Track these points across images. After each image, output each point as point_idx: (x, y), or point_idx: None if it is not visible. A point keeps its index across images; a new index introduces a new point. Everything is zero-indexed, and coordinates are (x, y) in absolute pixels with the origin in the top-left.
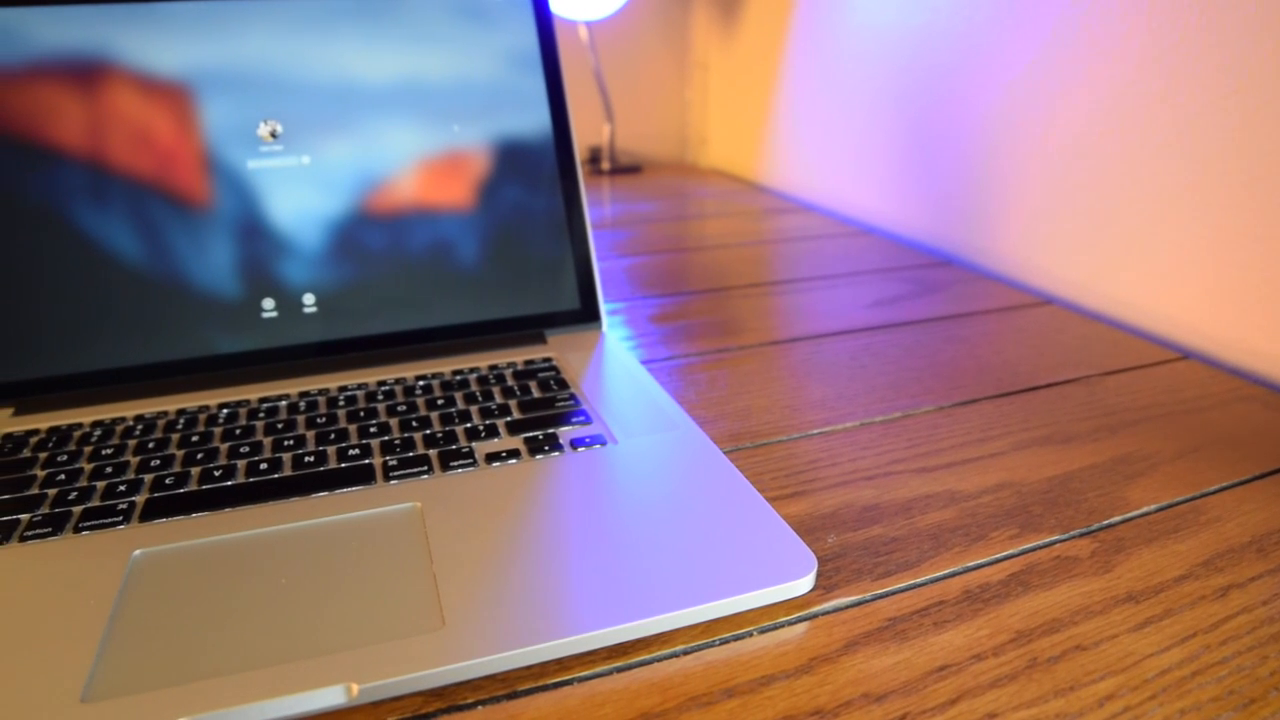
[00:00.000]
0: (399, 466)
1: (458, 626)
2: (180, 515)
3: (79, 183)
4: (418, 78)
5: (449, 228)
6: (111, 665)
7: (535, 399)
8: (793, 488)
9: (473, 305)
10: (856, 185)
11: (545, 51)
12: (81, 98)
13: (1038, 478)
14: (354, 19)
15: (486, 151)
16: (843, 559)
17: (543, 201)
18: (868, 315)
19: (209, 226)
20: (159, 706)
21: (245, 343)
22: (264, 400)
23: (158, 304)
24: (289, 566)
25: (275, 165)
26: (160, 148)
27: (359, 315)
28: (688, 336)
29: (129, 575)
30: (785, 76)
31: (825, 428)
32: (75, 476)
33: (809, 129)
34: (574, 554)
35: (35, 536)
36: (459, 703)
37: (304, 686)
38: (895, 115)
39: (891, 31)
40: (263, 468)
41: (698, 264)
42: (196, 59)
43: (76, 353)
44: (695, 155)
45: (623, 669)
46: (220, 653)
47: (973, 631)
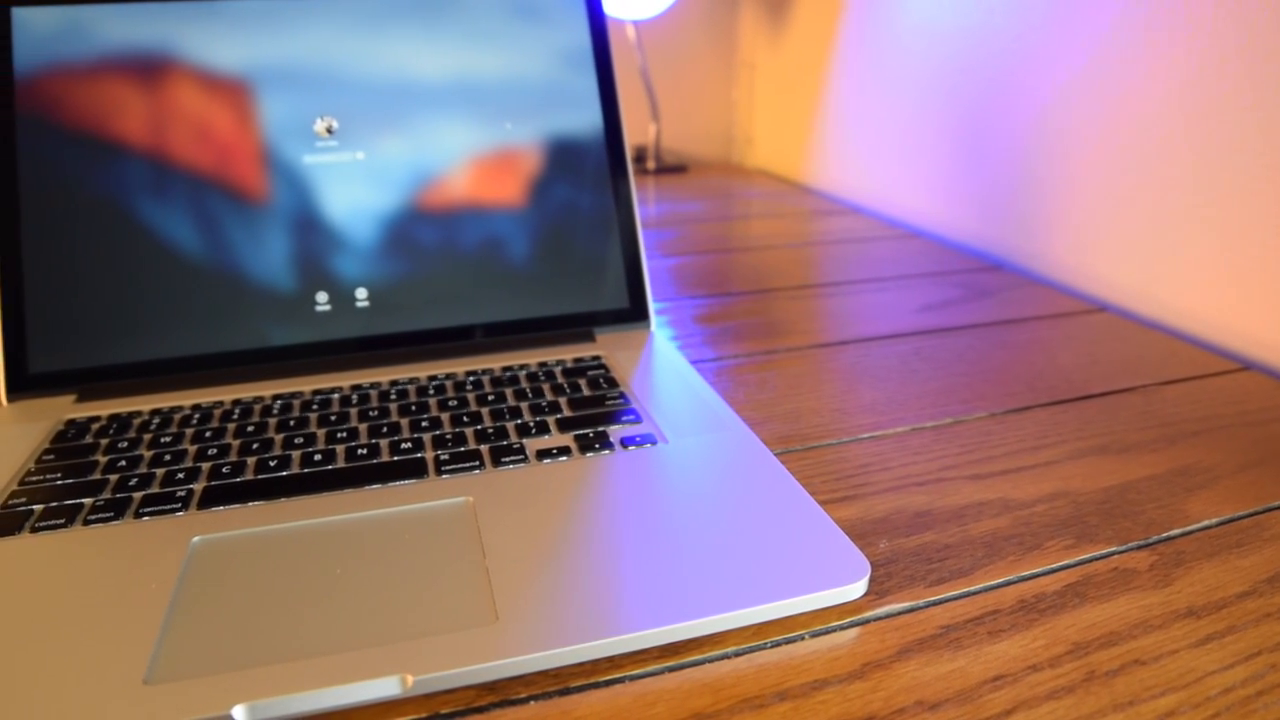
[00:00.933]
0: (450, 461)
1: (511, 621)
2: (237, 504)
3: (142, 176)
4: (472, 75)
5: (500, 225)
6: (173, 648)
7: (585, 397)
8: (843, 492)
9: (522, 302)
10: (904, 187)
11: (598, 50)
12: (146, 93)
13: (1093, 488)
14: (410, 17)
15: (538, 149)
16: (895, 565)
17: (593, 200)
18: (917, 319)
19: (265, 220)
20: (219, 690)
21: (298, 335)
22: (317, 393)
23: (214, 296)
24: (343, 557)
25: (331, 160)
26: (220, 142)
27: (410, 310)
28: (735, 337)
29: (188, 561)
30: (833, 77)
31: (876, 432)
32: (135, 463)
33: (856, 130)
34: (626, 553)
35: (98, 520)
36: (512, 697)
37: (360, 676)
38: (945, 116)
39: (943, 32)
40: (316, 459)
41: (743, 265)
42: (256, 56)
43: (136, 342)
44: (741, 155)
45: (674, 669)
46: (277, 640)
47: (1028, 642)
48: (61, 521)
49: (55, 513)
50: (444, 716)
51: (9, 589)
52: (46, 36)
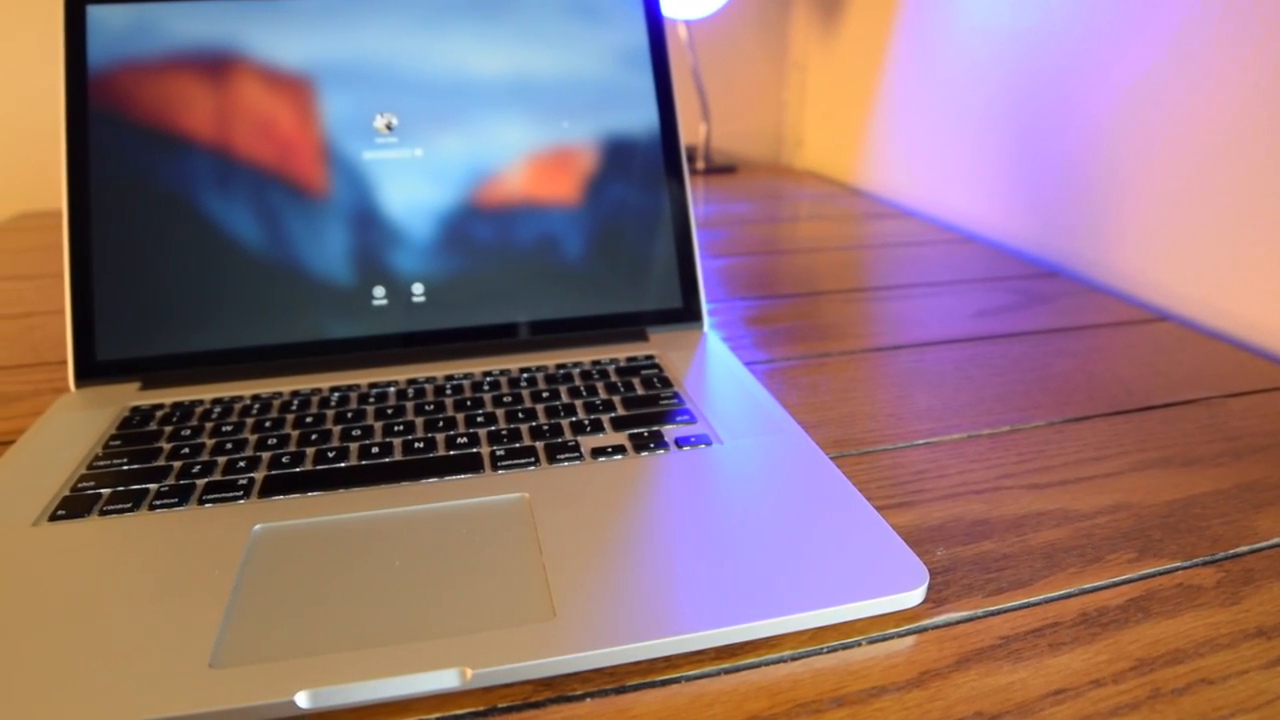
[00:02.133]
0: (506, 457)
1: (568, 618)
2: (296, 493)
3: (207, 170)
4: (529, 74)
5: (555, 223)
6: (237, 633)
7: (639, 396)
8: (899, 498)
9: (576, 300)
10: (958, 191)
11: (655, 50)
12: (212, 89)
13: (1156, 501)
14: (469, 16)
15: (594, 148)
16: (952, 573)
17: (648, 199)
18: (972, 325)
19: (325, 215)
20: (282, 676)
21: (356, 329)
22: (373, 386)
23: (275, 288)
24: (402, 549)
25: (390, 157)
26: (282, 138)
27: (465, 306)
28: (786, 340)
29: (250, 548)
30: (886, 78)
31: (931, 438)
32: (198, 451)
33: (909, 132)
34: (682, 553)
35: (163, 506)
36: (568, 694)
37: (420, 668)
38: (1002, 120)
39: (1001, 34)
40: (374, 451)
41: (793, 266)
42: (318, 53)
43: (198, 332)
44: (790, 156)
45: (730, 670)
46: (339, 629)
47: (1091, 656)
48: (128, 506)
49: (122, 497)
50: (501, 711)
51: (80, 570)
52: (119, 34)
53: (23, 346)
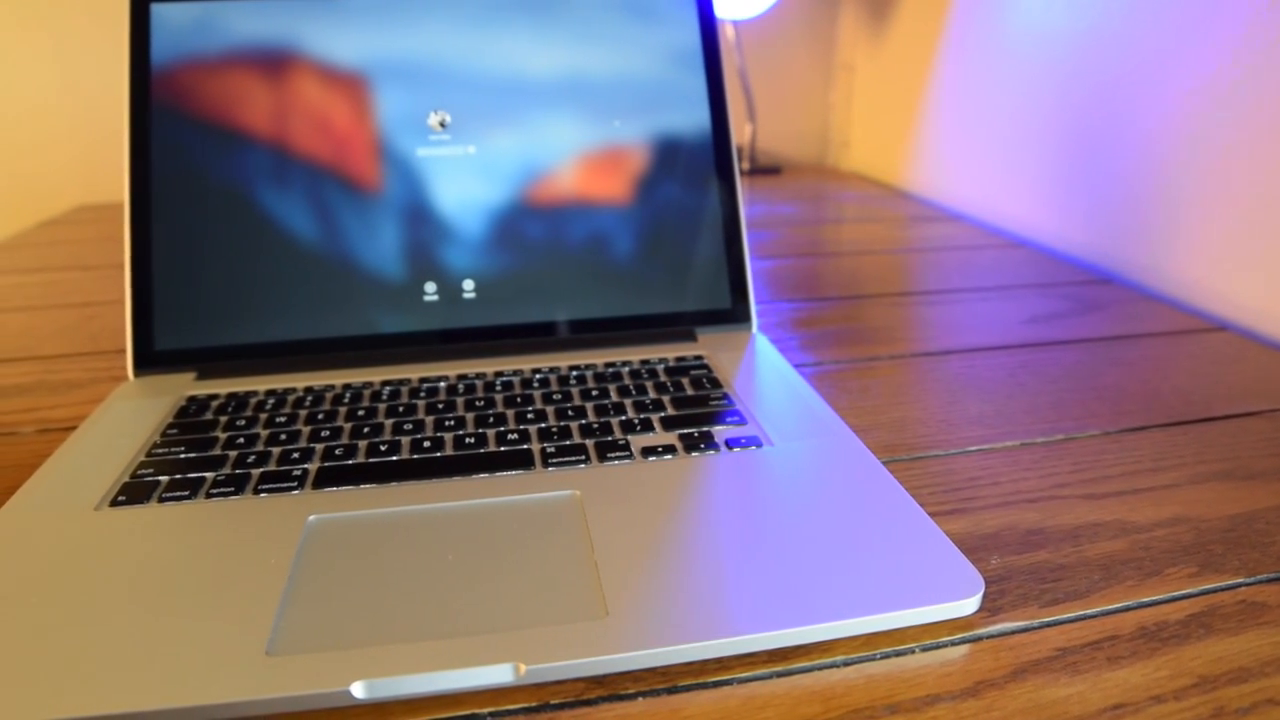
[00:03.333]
0: (557, 454)
1: (621, 617)
2: (349, 485)
3: (264, 165)
4: (582, 73)
5: (606, 221)
6: (292, 622)
7: (689, 396)
8: (952, 505)
9: (625, 299)
10: (1009, 195)
11: (707, 50)
12: (270, 85)
13: (1217, 515)
14: (523, 14)
15: (646, 147)
16: (1007, 582)
17: (699, 199)
18: (1024, 331)
19: (379, 210)
20: (338, 666)
21: (407, 324)
22: (424, 380)
23: (328, 282)
24: (454, 543)
25: (443, 154)
26: (337, 134)
27: (515, 303)
28: (835, 343)
29: (305, 538)
30: (936, 80)
31: (984, 445)
32: (253, 441)
33: (959, 135)
34: (734, 554)
35: (219, 495)
36: (620, 692)
37: (474, 662)
38: (1055, 123)
39: (1056, 35)
40: (425, 445)
41: (841, 269)
42: (374, 50)
43: (253, 324)
44: (836, 158)
45: (783, 674)
46: (393, 621)
47: (1150, 671)
48: (186, 494)
49: (180, 485)
50: (553, 707)
51: (140, 555)
52: (181, 31)
53: (82, 335)
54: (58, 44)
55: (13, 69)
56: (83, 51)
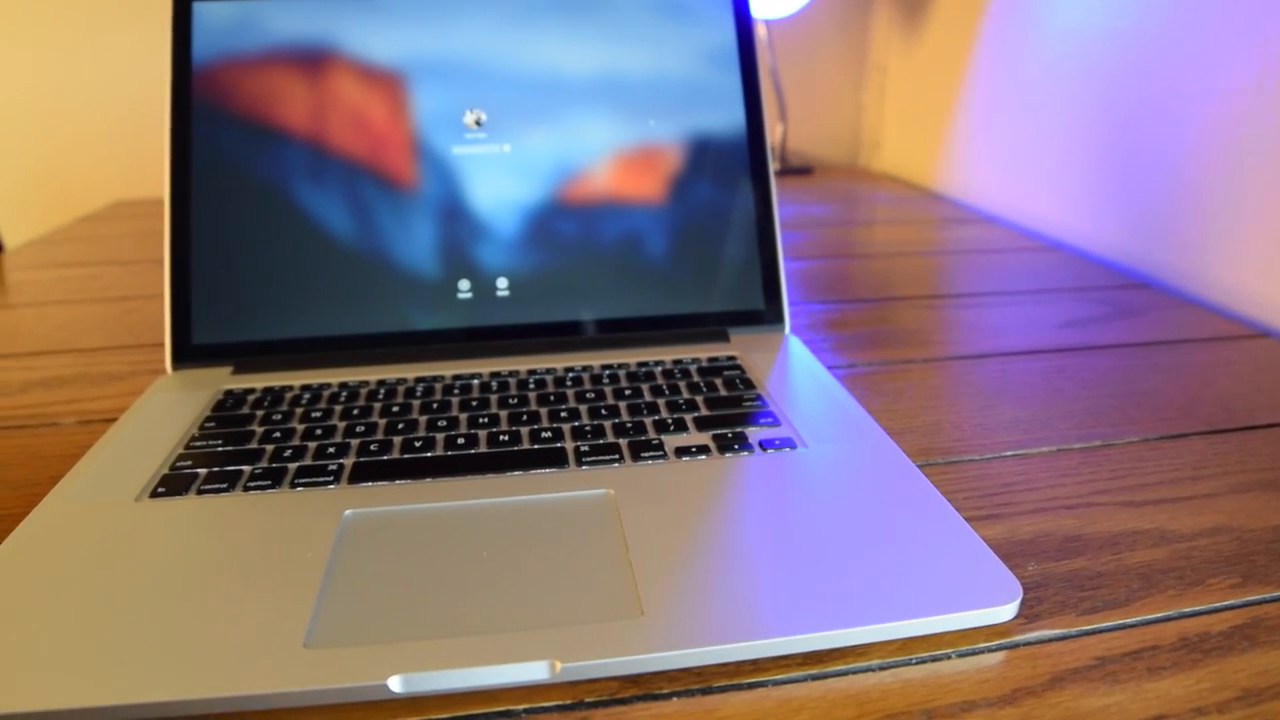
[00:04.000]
0: (591, 453)
1: (656, 616)
2: (384, 481)
3: (301, 162)
4: (617, 72)
5: (640, 221)
6: (330, 615)
7: (722, 397)
8: (987, 510)
9: (658, 299)
10: (1043, 198)
11: (743, 50)
12: (308, 83)
13: (1261, 525)
14: (558, 13)
15: (680, 147)
16: (1044, 589)
17: (733, 200)
18: (1059, 335)
19: (414, 208)
20: (376, 659)
21: (440, 321)
22: (457, 378)
23: (363, 279)
24: (489, 540)
25: (478, 152)
26: (374, 131)
27: (548, 301)
28: (868, 345)
29: (341, 533)
30: (970, 80)
31: (1020, 450)
32: (289, 435)
33: (993, 137)
34: (769, 556)
35: (257, 488)
36: (655, 691)
37: (511, 658)
38: (1092, 124)
39: (1094, 36)
40: (460, 442)
41: (873, 271)
42: (411, 49)
43: (289, 320)
44: (867, 159)
45: (818, 677)
46: (429, 616)
47: (1192, 683)
48: (224, 486)
49: (218, 477)
50: (588, 705)
51: (180, 546)
52: (222, 29)
53: (121, 328)
54: (96, 43)
55: (53, 68)
56: (121, 50)
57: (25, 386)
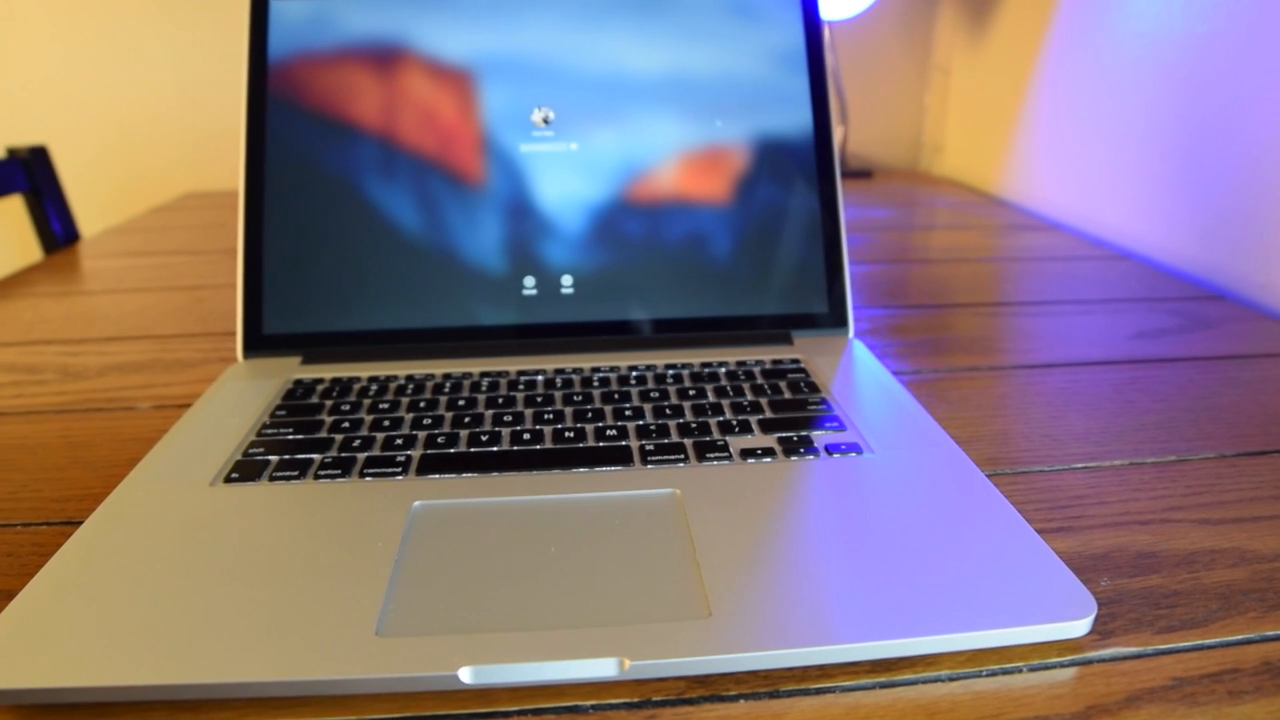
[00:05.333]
0: (656, 452)
1: (724, 618)
2: (451, 473)
3: (372, 157)
4: (685, 72)
5: (705, 221)
6: (400, 605)
7: (786, 399)
8: (1058, 522)
9: (722, 299)
10: (1112, 205)
11: (811, 51)
12: (379, 80)
13: None
14: (628, 13)
15: (747, 148)
16: (1118, 605)
17: (799, 201)
18: (1130, 347)
19: (481, 204)
20: (446, 650)
21: (505, 317)
22: (521, 373)
23: (430, 273)
24: (556, 536)
25: (545, 150)
26: (443, 128)
27: (612, 300)
28: (932, 351)
29: (410, 524)
30: (1037, 83)
31: (1090, 463)
32: (358, 426)
33: (1060, 141)
34: (837, 561)
35: (326, 476)
36: (723, 693)
37: (580, 654)
38: (1166, 130)
39: (1170, 40)
40: (525, 438)
41: (936, 277)
42: (481, 47)
43: (357, 312)
44: (929, 163)
45: (886, 685)
46: (499, 610)
47: (1277, 709)
48: (295, 474)
49: (289, 465)
50: (655, 704)
51: (253, 531)
52: (297, 26)
53: (193, 317)
54: (171, 41)
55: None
56: (194, 48)
57: (103, 371)
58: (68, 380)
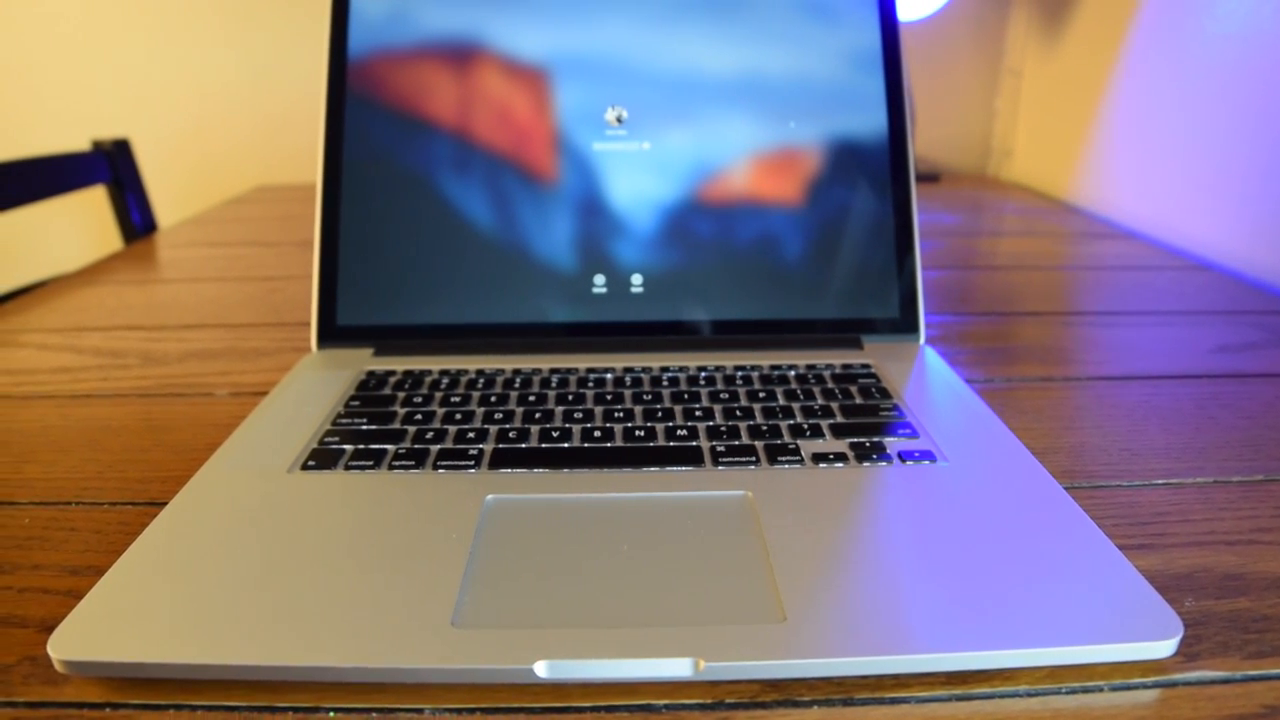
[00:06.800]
0: (727, 453)
1: (799, 623)
2: (523, 468)
3: (446, 153)
4: (759, 73)
5: (776, 223)
6: (475, 597)
7: (857, 404)
8: (1139, 539)
9: (792, 302)
10: (1192, 213)
11: (888, 53)
12: (456, 77)
13: None
14: (703, 13)
15: (820, 150)
16: (1204, 628)
17: (872, 205)
18: (1212, 361)
19: (553, 202)
20: (522, 644)
21: (575, 314)
22: (590, 371)
23: (502, 269)
24: (629, 534)
25: (618, 149)
26: (518, 125)
27: (682, 300)
28: (1005, 360)
29: (484, 517)
30: (1114, 87)
31: (1172, 479)
32: (430, 418)
33: (1137, 147)
34: (913, 570)
35: (400, 467)
36: (796, 698)
37: (655, 653)
38: (1252, 137)
39: (1259, 43)
40: (596, 435)
41: (1006, 284)
42: (556, 46)
43: (428, 306)
44: (997, 167)
45: (962, 698)
46: (573, 605)
47: None
48: (370, 464)
49: (364, 455)
50: (728, 707)
51: (330, 518)
52: (376, 22)
53: (267, 307)
54: (246, 38)
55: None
56: (268, 45)
57: (182, 357)
58: (149, 365)
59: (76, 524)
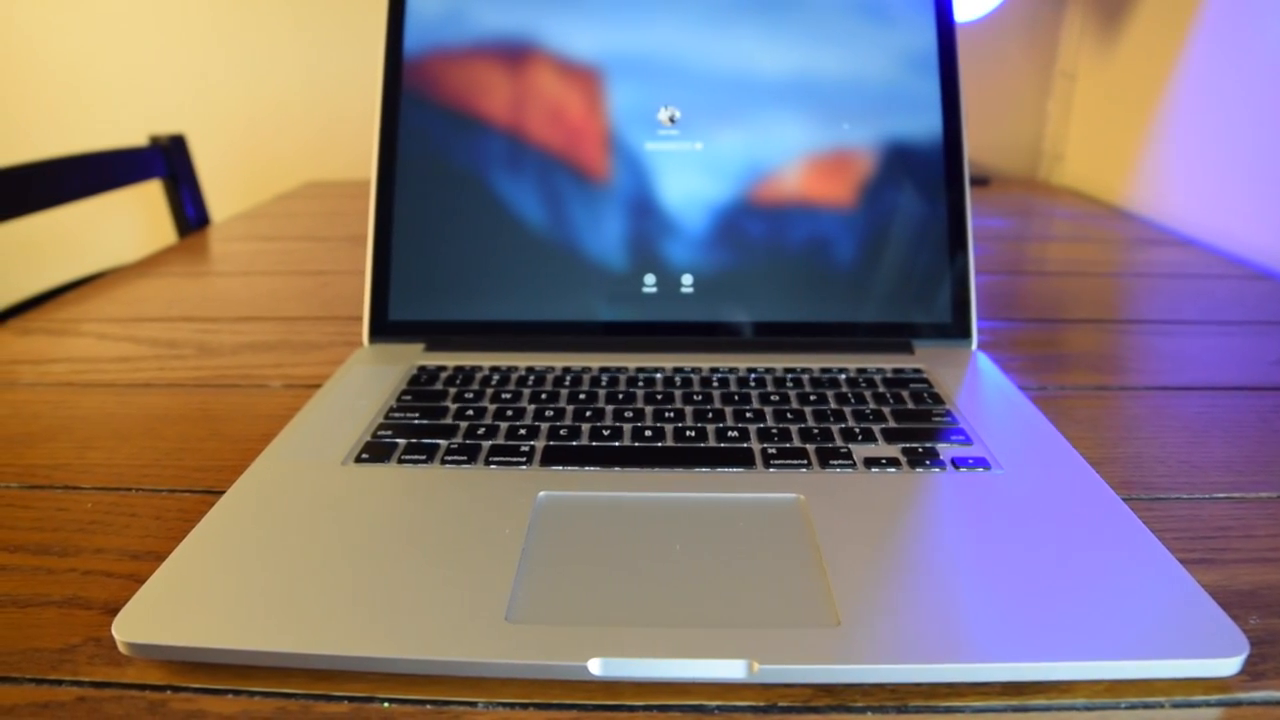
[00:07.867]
0: (778, 456)
1: (853, 627)
2: (574, 466)
3: (500, 152)
4: (813, 74)
5: (828, 225)
6: (529, 592)
7: (909, 410)
8: (1200, 554)
9: (843, 305)
10: (1252, 220)
11: (943, 55)
12: (510, 76)
13: None
14: (755, 13)
15: (874, 152)
16: (1270, 646)
17: (925, 209)
18: (1274, 373)
19: (605, 201)
20: (576, 640)
21: (625, 313)
22: (640, 370)
23: (553, 267)
24: (681, 534)
25: (670, 149)
26: (571, 125)
27: (732, 301)
28: (1059, 368)
29: (536, 513)
30: (1172, 90)
31: (1234, 493)
32: (481, 414)
33: (1195, 152)
34: (969, 578)
35: (453, 462)
36: (849, 704)
37: (709, 654)
38: None
39: None
40: (646, 434)
41: (1059, 290)
42: (609, 45)
43: (480, 302)
44: (1048, 172)
45: (1018, 709)
46: (627, 604)
47: None
48: (423, 458)
49: (417, 449)
50: (781, 710)
51: (384, 510)
52: (432, 22)
53: (318, 301)
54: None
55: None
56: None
57: (236, 349)
58: (205, 356)
59: (137, 509)
